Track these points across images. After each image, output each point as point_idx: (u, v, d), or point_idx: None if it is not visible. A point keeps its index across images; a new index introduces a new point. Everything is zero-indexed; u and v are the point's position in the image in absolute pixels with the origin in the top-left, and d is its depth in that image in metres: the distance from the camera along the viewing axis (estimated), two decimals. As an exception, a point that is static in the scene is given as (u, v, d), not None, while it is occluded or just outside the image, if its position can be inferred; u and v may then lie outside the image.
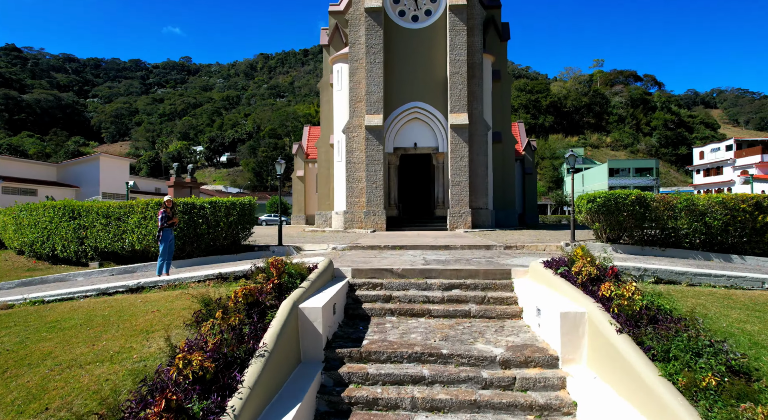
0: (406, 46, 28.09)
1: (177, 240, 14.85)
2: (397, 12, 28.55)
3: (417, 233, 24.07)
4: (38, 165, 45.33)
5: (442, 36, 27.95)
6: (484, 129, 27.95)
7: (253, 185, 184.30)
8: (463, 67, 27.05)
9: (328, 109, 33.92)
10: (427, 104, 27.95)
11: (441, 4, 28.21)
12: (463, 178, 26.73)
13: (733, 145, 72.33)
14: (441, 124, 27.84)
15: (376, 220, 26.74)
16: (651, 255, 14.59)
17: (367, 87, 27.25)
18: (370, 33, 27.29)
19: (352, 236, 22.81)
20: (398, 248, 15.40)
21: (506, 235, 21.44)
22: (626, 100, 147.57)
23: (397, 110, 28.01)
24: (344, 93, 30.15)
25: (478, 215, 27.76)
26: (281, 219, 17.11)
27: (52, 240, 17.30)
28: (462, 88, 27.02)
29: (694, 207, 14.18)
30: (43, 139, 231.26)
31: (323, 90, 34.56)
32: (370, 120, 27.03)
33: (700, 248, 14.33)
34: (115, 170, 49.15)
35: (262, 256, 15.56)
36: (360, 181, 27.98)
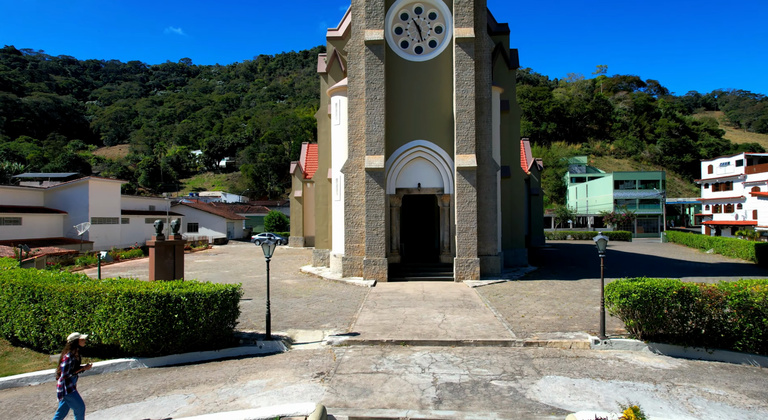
0: (409, 80, 26.14)
1: (150, 337, 12.91)
2: (399, 43, 26.59)
3: (422, 289, 22.11)
4: (24, 191, 43.32)
5: (448, 69, 25.98)
6: (493, 169, 25.99)
7: (252, 191, 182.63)
8: (470, 104, 25.08)
9: (325, 141, 32.03)
10: (431, 143, 25.99)
11: (447, 36, 26.24)
12: (471, 225, 24.77)
13: (743, 161, 70.34)
14: (446, 165, 25.90)
15: (377, 270, 24.79)
16: (696, 358, 12.65)
17: (368, 125, 25.29)
18: (370, 67, 25.32)
19: (352, 294, 20.86)
20: (403, 344, 13.45)
21: (518, 303, 19.47)
22: (630, 106, 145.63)
23: (399, 149, 26.06)
24: (343, 128, 28.23)
25: (486, 263, 25.81)
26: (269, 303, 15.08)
27: (10, 321, 15.38)
28: (469, 128, 25.05)
29: (749, 304, 12.19)
30: (41, 143, 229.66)
31: (321, 120, 32.62)
32: (371, 162, 25.07)
33: (756, 351, 12.35)
34: (106, 193, 47.18)
35: (247, 355, 13.67)
36: (360, 225, 26.04)
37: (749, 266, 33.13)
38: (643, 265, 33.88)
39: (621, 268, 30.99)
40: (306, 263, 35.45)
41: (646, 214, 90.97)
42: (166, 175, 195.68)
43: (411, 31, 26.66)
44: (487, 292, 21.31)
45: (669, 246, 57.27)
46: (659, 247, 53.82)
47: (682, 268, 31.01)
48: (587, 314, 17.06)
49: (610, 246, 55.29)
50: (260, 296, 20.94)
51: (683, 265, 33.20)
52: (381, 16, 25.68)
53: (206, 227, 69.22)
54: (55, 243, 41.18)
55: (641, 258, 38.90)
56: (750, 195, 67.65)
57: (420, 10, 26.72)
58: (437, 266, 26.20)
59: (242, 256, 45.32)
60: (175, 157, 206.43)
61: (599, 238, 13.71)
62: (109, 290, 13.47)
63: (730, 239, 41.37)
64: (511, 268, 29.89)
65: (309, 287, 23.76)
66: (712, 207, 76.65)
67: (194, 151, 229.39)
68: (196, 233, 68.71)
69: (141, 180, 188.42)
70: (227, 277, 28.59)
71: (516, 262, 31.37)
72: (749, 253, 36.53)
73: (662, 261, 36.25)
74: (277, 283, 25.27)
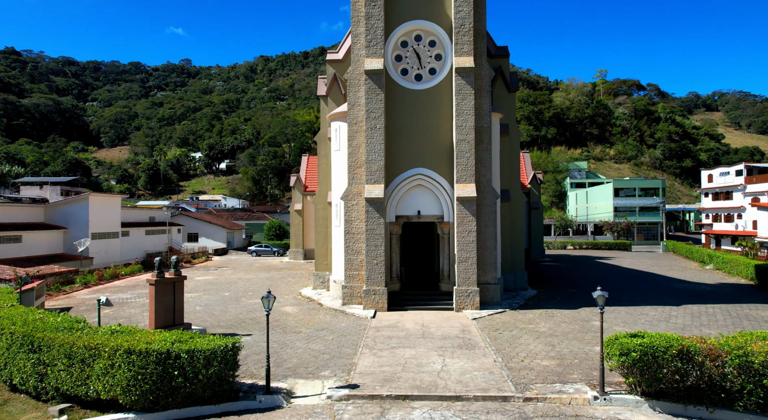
0: (409, 107, 26.13)
1: (149, 394, 12.92)
2: (399, 71, 26.57)
3: (421, 322, 22.13)
4: (24, 207, 43.35)
5: (448, 97, 25.97)
6: (493, 198, 25.99)
7: (252, 194, 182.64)
8: (470, 134, 25.07)
9: (325, 164, 32.04)
10: (431, 171, 25.98)
11: (446, 63, 26.22)
12: (471, 255, 24.77)
13: (743, 171, 70.36)
14: (446, 193, 25.89)
15: (377, 300, 24.80)
16: (697, 417, 12.64)
17: (367, 154, 25.29)
18: (370, 96, 25.30)
19: (351, 328, 20.87)
20: (402, 400, 13.45)
21: (518, 342, 19.47)
22: (630, 111, 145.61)
23: (399, 177, 26.05)
24: (343, 154, 28.23)
25: (486, 291, 25.81)
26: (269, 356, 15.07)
27: (9, 368, 15.39)
28: (469, 157, 25.05)
29: (749, 364, 12.17)
30: (41, 145, 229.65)
31: (321, 142, 32.62)
32: (371, 191, 25.06)
33: (757, 411, 12.32)
34: (106, 208, 47.16)
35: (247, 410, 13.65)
36: (359, 253, 26.05)
37: (749, 288, 33.14)
38: (643, 284, 33.89)
39: (620, 292, 31.00)
40: (306, 283, 35.47)
41: (645, 221, 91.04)
42: (167, 178, 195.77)
43: (411, 58, 26.65)
44: (486, 327, 21.31)
45: (668, 258, 57.29)
46: (659, 260, 53.84)
47: (681, 292, 31.00)
48: (587, 357, 17.06)
49: (609, 259, 55.29)
50: (260, 330, 20.92)
51: (683, 286, 33.18)
52: (381, 44, 25.66)
53: (206, 237, 69.25)
54: (55, 260, 41.17)
55: (640, 276, 38.89)
56: (750, 205, 67.67)
57: (420, 38, 26.71)
58: (437, 295, 26.20)
59: (242, 271, 45.32)
60: (175, 159, 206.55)
61: (598, 294, 13.70)
62: (108, 345, 13.45)
63: (730, 257, 41.35)
64: (511, 293, 29.90)
65: (309, 318, 23.75)
66: (712, 216, 76.67)
67: (194, 153, 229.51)
68: (196, 243, 68.74)
69: (141, 183, 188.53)
70: (227, 302, 28.60)
71: (516, 286, 31.38)
72: (749, 272, 36.53)
73: (662, 281, 36.24)
74: (277, 312, 25.27)
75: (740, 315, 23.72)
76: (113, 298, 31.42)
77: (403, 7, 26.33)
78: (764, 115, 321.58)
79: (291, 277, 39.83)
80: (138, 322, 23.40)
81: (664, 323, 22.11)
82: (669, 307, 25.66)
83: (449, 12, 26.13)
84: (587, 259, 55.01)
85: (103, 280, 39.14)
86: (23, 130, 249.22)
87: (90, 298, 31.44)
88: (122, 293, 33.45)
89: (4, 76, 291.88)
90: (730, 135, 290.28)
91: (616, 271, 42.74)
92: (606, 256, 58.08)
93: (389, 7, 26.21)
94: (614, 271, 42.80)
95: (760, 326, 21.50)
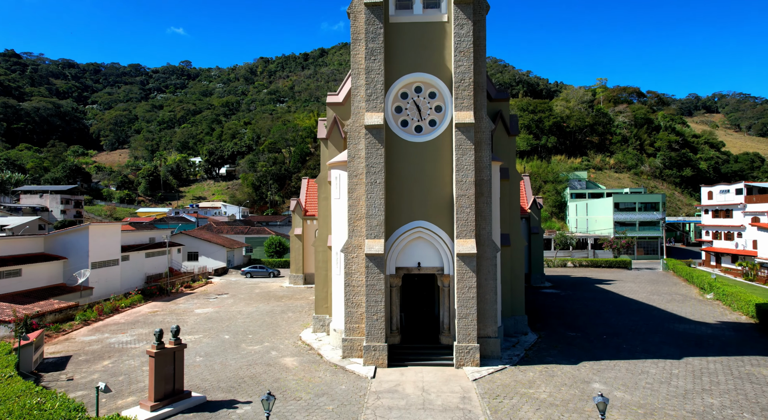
0: (410, 160, 26.08)
1: None
2: (399, 122, 26.52)
3: (422, 386, 22.11)
4: (24, 239, 43.28)
5: (448, 150, 25.93)
6: (493, 251, 25.96)
7: (252, 200, 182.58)
8: (470, 189, 25.03)
9: (325, 207, 32.03)
10: (431, 223, 25.95)
11: (447, 116, 26.17)
12: (471, 311, 24.76)
13: (743, 190, 70.35)
14: (446, 246, 25.86)
15: (377, 356, 24.79)
16: None
17: (368, 209, 25.26)
18: (370, 151, 25.26)
19: (351, 395, 20.84)
20: None
21: (518, 416, 19.45)
22: (630, 120, 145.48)
23: (399, 230, 26.02)
24: (343, 202, 28.20)
25: (486, 345, 25.80)
26: None
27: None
28: (469, 212, 25.00)
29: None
30: (40, 150, 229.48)
31: (321, 185, 32.58)
32: (371, 246, 25.03)
33: None
34: (106, 237, 47.13)
35: None
36: (359, 306, 26.04)
37: (750, 329, 33.09)
38: (643, 325, 33.84)
39: (620, 336, 30.96)
40: (306, 323, 35.41)
41: (646, 236, 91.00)
42: (166, 184, 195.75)
43: (411, 110, 26.59)
44: (487, 393, 21.27)
45: (668, 280, 57.24)
46: (659, 285, 53.84)
47: (682, 337, 30.95)
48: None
49: (609, 282, 55.26)
50: (261, 393, 20.76)
51: (684, 329, 33.13)
52: (381, 98, 25.61)
53: (206, 256, 69.27)
54: (54, 292, 41.18)
55: (640, 311, 38.84)
56: (750, 225, 67.64)
57: (420, 89, 26.65)
58: (437, 349, 26.16)
59: (242, 300, 45.28)
60: (175, 165, 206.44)
61: (599, 400, 13.64)
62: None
63: (732, 289, 41.32)
64: (512, 339, 29.91)
65: (309, 376, 23.72)
66: (712, 233, 76.66)
67: (194, 157, 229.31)
68: (196, 262, 68.77)
69: (141, 189, 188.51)
70: (227, 350, 28.57)
71: (516, 330, 31.40)
72: (750, 309, 36.51)
73: (662, 319, 36.18)
74: (277, 366, 25.27)
75: (742, 375, 23.67)
76: (112, 341, 31.41)
77: (403, 60, 26.27)
78: (764, 117, 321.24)
79: (291, 312, 39.79)
80: (137, 381, 23.39)
81: (665, 386, 22.08)
82: (670, 362, 25.60)
83: (449, 64, 26.07)
84: (587, 283, 54.97)
85: (102, 314, 39.11)
86: (23, 134, 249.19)
87: (90, 341, 31.40)
88: (122, 334, 33.44)
89: (4, 79, 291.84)
90: (730, 137, 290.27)
91: (616, 303, 42.69)
92: (606, 279, 58.03)
93: (389, 60, 26.15)
94: (614, 303, 42.75)
95: (763, 391, 21.47)
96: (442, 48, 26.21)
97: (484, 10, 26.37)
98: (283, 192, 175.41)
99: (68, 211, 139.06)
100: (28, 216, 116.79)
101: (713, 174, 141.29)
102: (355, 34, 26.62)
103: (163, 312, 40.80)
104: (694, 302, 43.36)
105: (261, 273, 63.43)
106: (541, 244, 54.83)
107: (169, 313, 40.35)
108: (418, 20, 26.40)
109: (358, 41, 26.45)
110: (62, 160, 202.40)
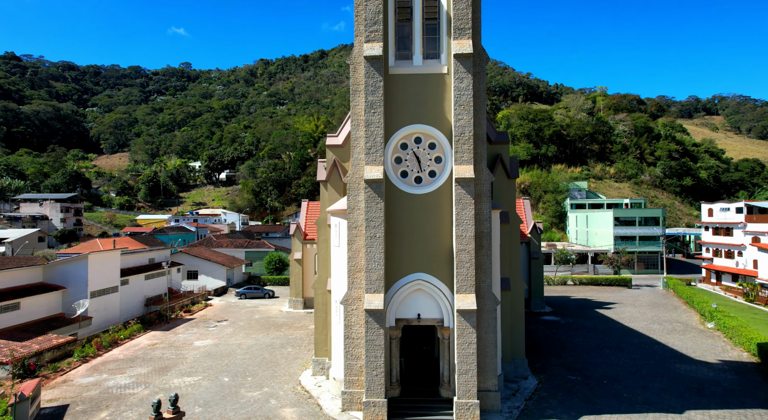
0: (409, 212, 25.98)
1: None
2: (398, 173, 26.40)
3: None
4: (23, 270, 43.05)
5: (448, 202, 25.81)
6: (493, 304, 25.86)
7: (252, 206, 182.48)
8: (470, 244, 24.92)
9: (325, 249, 31.98)
10: (431, 276, 25.85)
11: (446, 167, 26.05)
12: (471, 367, 24.65)
13: (743, 208, 70.31)
14: (446, 299, 25.77)
15: (377, 412, 24.69)
16: None
17: (367, 263, 25.15)
18: (370, 205, 25.15)
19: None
20: None
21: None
22: (630, 128, 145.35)
23: (399, 282, 25.92)
24: (342, 250, 28.10)
25: (486, 399, 25.72)
26: None
27: None
28: (469, 267, 24.89)
29: None
30: (40, 155, 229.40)
31: (321, 227, 32.54)
32: (371, 301, 24.92)
33: None
34: (105, 265, 47.03)
35: None
36: (359, 358, 25.94)
37: (752, 371, 32.94)
38: (644, 365, 33.72)
39: (620, 379, 30.85)
40: (306, 362, 35.25)
41: (646, 250, 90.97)
42: (166, 190, 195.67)
43: (411, 161, 26.47)
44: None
45: (669, 303, 57.15)
46: (659, 307, 53.88)
47: (683, 382, 30.83)
48: None
49: (610, 306, 55.17)
50: None
51: (685, 371, 32.97)
52: (380, 151, 25.48)
53: (206, 275, 69.23)
54: (53, 325, 41.06)
55: (642, 347, 38.72)
56: (750, 245, 67.55)
57: (419, 140, 26.52)
58: (437, 402, 26.06)
59: (242, 329, 45.17)
60: (175, 170, 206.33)
61: None
62: None
63: (733, 323, 41.22)
64: (512, 385, 29.85)
65: (308, 434, 23.64)
66: (713, 250, 76.57)
67: (194, 162, 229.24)
68: (196, 281, 68.72)
69: (141, 195, 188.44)
70: (226, 398, 28.46)
71: (516, 374, 31.33)
72: (752, 347, 36.41)
73: (663, 358, 36.04)
74: (276, 419, 25.20)
75: (742, 433, 23.60)
76: (111, 384, 31.33)
77: (403, 111, 26.14)
78: (764, 120, 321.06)
79: (291, 346, 39.65)
80: (136, 441, 23.29)
81: (665, 449, 21.98)
82: (672, 417, 25.48)
83: (449, 116, 25.94)
84: (587, 307, 54.85)
85: (101, 348, 39.02)
86: (23, 138, 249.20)
87: (88, 384, 31.30)
88: (120, 374, 33.36)
89: (4, 82, 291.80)
90: (730, 140, 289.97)
91: (616, 335, 42.55)
92: (606, 302, 57.90)
93: (389, 111, 26.02)
94: (615, 335, 42.62)
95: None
96: (441, 99, 26.09)
97: (483, 61, 26.23)
98: (283, 198, 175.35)
99: (68, 220, 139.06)
100: (28, 228, 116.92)
101: (713, 183, 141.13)
102: (355, 85, 26.50)
103: (162, 345, 40.71)
104: (695, 333, 43.27)
105: (256, 294, 63.32)
106: (542, 269, 54.72)
107: (168, 346, 40.27)
108: (418, 72, 26.27)
109: (358, 93, 26.32)
110: (62, 166, 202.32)
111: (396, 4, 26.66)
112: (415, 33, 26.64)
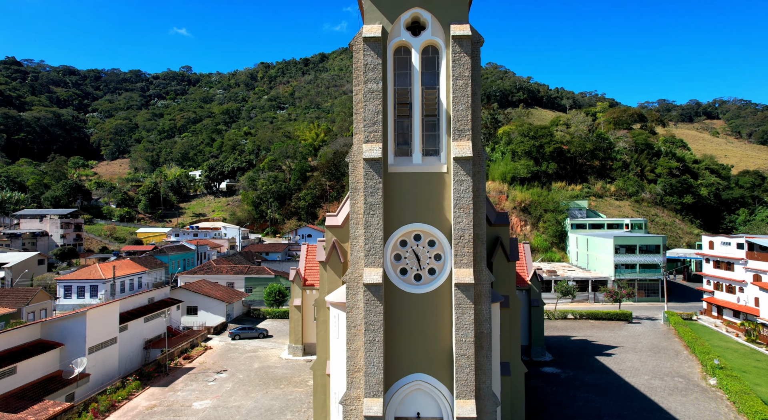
0: (408, 312, 25.76)
1: None
2: (398, 271, 26.17)
3: None
4: (20, 330, 42.84)
5: (447, 303, 25.60)
6: (493, 405, 25.66)
7: (253, 218, 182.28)
8: (470, 348, 24.71)
9: (324, 330, 31.81)
10: (431, 377, 25.67)
11: (446, 266, 25.82)
12: (471, 475, 24.44)
13: (744, 244, 70.07)
14: (446, 400, 25.57)
15: None
16: None
17: (366, 368, 24.94)
18: (369, 309, 24.93)
19: None
20: None
21: None
22: (630, 145, 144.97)
23: (398, 382, 25.74)
24: (342, 343, 27.87)
25: None
26: None
27: None
28: (469, 372, 24.69)
29: None
30: (41, 164, 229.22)
31: (320, 308, 32.29)
32: (370, 407, 24.72)
33: None
34: (104, 319, 46.85)
35: None
36: (357, 459, 25.73)
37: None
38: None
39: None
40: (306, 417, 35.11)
41: (647, 278, 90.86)
42: (167, 201, 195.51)
43: (410, 259, 26.24)
44: None
45: (670, 347, 56.91)
46: (660, 354, 53.67)
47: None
48: None
49: (609, 354, 54.95)
50: None
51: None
52: (380, 253, 25.23)
53: (205, 311, 69.06)
54: (50, 388, 40.78)
55: (641, 410, 38.52)
56: (752, 283, 67.34)
57: (419, 237, 26.29)
58: None
59: (242, 386, 44.95)
60: (175, 180, 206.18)
61: None
62: None
63: (737, 387, 40.99)
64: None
65: None
66: (714, 284, 76.35)
67: (194, 171, 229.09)
68: (195, 317, 68.57)
69: (141, 207, 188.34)
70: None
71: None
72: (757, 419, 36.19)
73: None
74: None
75: None
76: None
77: (402, 211, 25.91)
78: (764, 125, 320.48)
79: (290, 413, 39.43)
80: None
81: None
82: None
83: (448, 216, 25.70)
84: (588, 355, 54.60)
85: (98, 415, 38.89)
86: (24, 145, 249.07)
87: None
88: (118, 451, 33.18)
89: (5, 88, 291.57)
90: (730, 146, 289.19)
91: (617, 399, 42.36)
92: (607, 346, 57.69)
93: (388, 211, 25.77)
94: (616, 399, 42.44)
95: None
96: (441, 198, 25.85)
97: (483, 160, 25.98)
98: (283, 211, 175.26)
99: (68, 235, 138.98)
100: (28, 249, 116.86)
101: (714, 201, 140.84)
102: (354, 183, 26.24)
103: (161, 408, 40.54)
104: (697, 393, 43.05)
105: (250, 334, 63.03)
106: (542, 316, 54.41)
107: (167, 409, 40.13)
108: (418, 170, 26.03)
109: (357, 191, 26.07)
110: (63, 175, 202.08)
111: (396, 100, 26.40)
112: (415, 130, 26.40)
